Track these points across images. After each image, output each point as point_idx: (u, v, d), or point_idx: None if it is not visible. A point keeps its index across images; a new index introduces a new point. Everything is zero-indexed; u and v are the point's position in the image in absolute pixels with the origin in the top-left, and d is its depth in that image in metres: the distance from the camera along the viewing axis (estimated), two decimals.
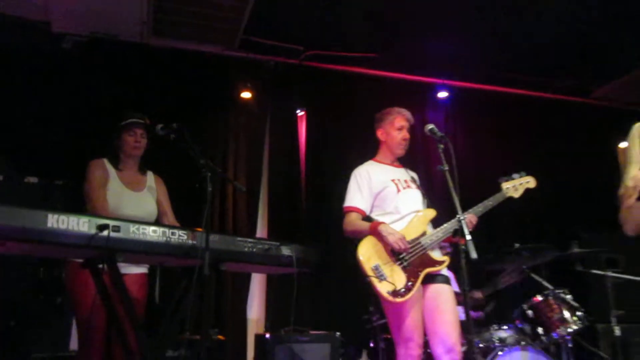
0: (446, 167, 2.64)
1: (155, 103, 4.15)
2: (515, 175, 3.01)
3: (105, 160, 2.94)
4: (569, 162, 5.34)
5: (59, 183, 3.76)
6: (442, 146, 2.73)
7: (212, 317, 4.12)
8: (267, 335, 3.66)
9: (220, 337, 3.83)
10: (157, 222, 2.96)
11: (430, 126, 2.80)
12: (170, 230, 2.32)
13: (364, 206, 2.91)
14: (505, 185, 2.99)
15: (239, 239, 2.57)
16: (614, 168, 2.62)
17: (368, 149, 3.16)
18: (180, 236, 2.32)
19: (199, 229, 2.38)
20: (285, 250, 2.73)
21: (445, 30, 4.66)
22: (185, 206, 3.18)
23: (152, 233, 2.25)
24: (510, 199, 2.98)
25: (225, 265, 2.54)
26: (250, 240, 2.59)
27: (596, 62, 5.18)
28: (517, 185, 3.00)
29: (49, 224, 1.99)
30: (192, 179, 2.61)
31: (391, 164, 3.06)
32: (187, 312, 2.47)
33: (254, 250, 2.59)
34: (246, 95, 4.92)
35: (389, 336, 3.38)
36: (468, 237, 2.45)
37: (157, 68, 4.57)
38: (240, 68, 4.87)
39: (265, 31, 4.66)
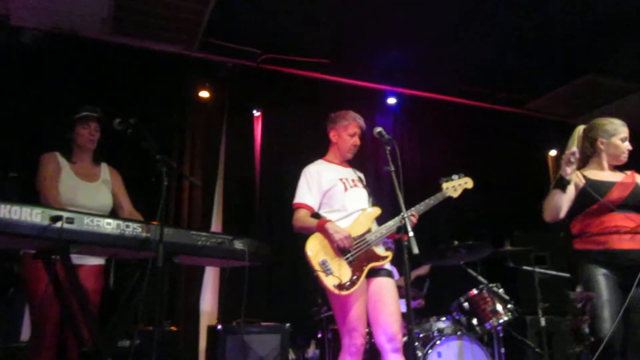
0: (392, 168, 2.78)
1: (113, 99, 4.17)
2: (454, 177, 3.18)
3: (58, 154, 2.99)
4: (504, 166, 5.70)
5: (14, 175, 3.73)
6: (389, 148, 2.86)
7: (165, 308, 4.20)
8: (219, 327, 3.77)
9: (173, 328, 3.91)
10: (112, 215, 3.02)
11: (379, 129, 2.93)
12: (125, 223, 2.35)
13: (313, 203, 3.03)
14: (445, 185, 3.16)
15: (193, 232, 2.64)
16: (545, 173, 2.90)
17: (320, 150, 3.31)
18: (134, 229, 2.36)
19: (154, 222, 2.45)
20: (238, 245, 2.83)
21: (396, 41, 4.88)
22: (141, 200, 3.25)
23: (107, 225, 2.28)
24: (450, 198, 3.16)
25: (179, 258, 2.60)
26: (204, 234, 2.68)
27: (531, 77, 5.54)
28: (456, 186, 3.17)
29: (1, 214, 1.99)
30: (149, 173, 2.68)
31: (340, 164, 3.21)
32: (140, 303, 2.51)
33: (208, 243, 2.67)
34: (204, 95, 5.02)
35: (335, 327, 3.54)
36: (411, 233, 2.58)
37: (116, 65, 4.58)
38: (199, 69, 4.95)
39: (225, 34, 4.75)
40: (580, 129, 2.99)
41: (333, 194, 3.04)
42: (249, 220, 4.85)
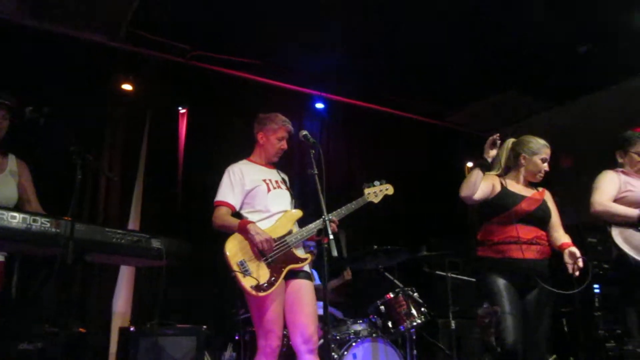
0: (316, 172, 2.80)
1: (28, 87, 3.93)
2: (376, 183, 3.24)
3: None
4: (424, 175, 5.95)
5: None
6: (313, 152, 2.88)
7: (74, 309, 3.99)
8: (132, 329, 3.64)
9: (82, 330, 3.73)
10: (17, 208, 2.84)
11: (304, 132, 2.95)
12: (32, 217, 2.26)
13: (235, 202, 3.01)
14: (367, 191, 3.20)
15: (107, 229, 2.56)
16: (460, 183, 3.06)
17: (245, 150, 3.29)
18: (42, 224, 2.27)
19: (66, 218, 2.35)
20: (156, 243, 2.76)
21: (327, 46, 4.96)
22: (52, 194, 3.08)
23: (11, 219, 2.19)
24: (371, 203, 3.22)
25: (92, 255, 2.52)
26: (119, 231, 2.60)
27: (451, 91, 5.82)
28: (377, 192, 3.23)
29: None
30: (62, 166, 2.56)
31: (264, 165, 3.21)
32: (45, 303, 2.39)
33: (123, 241, 2.59)
34: (127, 87, 4.84)
35: (253, 329, 3.53)
36: (331, 236, 2.62)
37: (34, 50, 4.32)
38: (123, 60, 4.78)
39: (154, 27, 4.63)
40: (509, 141, 3.18)
41: (256, 194, 3.04)
42: (169, 219, 4.72)
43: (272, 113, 3.23)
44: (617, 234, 3.16)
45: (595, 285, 5.34)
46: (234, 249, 2.82)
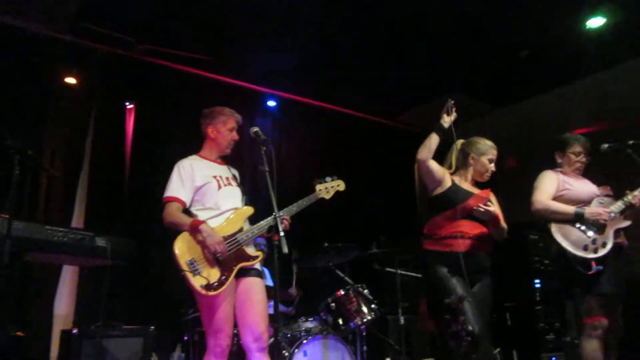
0: (267, 168, 2.81)
1: None
2: (327, 179, 3.25)
3: None
4: (376, 173, 6.03)
5: None
6: (264, 149, 2.88)
7: (12, 311, 3.80)
8: (74, 331, 3.50)
9: (20, 333, 3.55)
10: None
11: (256, 129, 2.96)
12: None
13: (185, 198, 2.94)
14: (319, 187, 3.20)
15: (48, 227, 2.46)
16: (412, 183, 3.12)
17: (194, 147, 3.22)
18: None
19: (3, 215, 2.24)
20: (100, 241, 2.68)
21: (279, 45, 4.93)
22: None
23: None
24: (323, 200, 3.22)
25: (31, 255, 2.41)
26: (61, 229, 2.50)
27: (402, 92, 5.93)
28: (328, 188, 3.23)
29: None
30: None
31: (215, 161, 3.15)
32: None
33: (65, 240, 2.50)
34: (71, 81, 4.65)
35: (202, 329, 3.48)
36: (282, 233, 2.63)
37: None
38: (68, 52, 4.60)
39: (101, 19, 4.46)
40: (459, 142, 3.27)
41: (206, 191, 2.98)
42: (115, 217, 4.57)
43: (218, 107, 3.19)
44: (556, 230, 3.30)
45: (536, 280, 5.58)
46: (183, 248, 2.76)
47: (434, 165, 3.03)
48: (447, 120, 2.99)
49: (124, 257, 2.75)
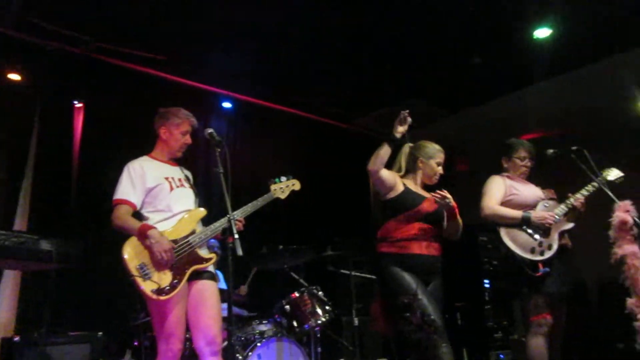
0: (221, 170, 2.77)
1: None
2: (283, 178, 3.22)
3: None
4: (331, 177, 6.04)
5: None
6: (219, 150, 2.85)
7: None
8: (15, 339, 3.35)
9: None
10: None
11: (210, 130, 2.91)
12: None
13: (135, 200, 2.87)
14: (273, 187, 3.18)
15: None
16: (365, 185, 3.15)
17: (146, 148, 3.14)
18: None
19: None
20: (45, 245, 2.58)
21: (235, 46, 4.88)
22: None
23: None
24: (278, 200, 3.18)
25: None
26: (2, 232, 2.39)
27: (358, 96, 5.98)
28: (284, 187, 3.20)
29: None
30: None
31: (166, 162, 3.09)
32: None
33: (7, 243, 2.40)
34: (14, 77, 4.46)
35: (153, 334, 3.40)
36: (236, 235, 2.60)
37: None
38: (12, 48, 4.38)
39: (50, 14, 4.28)
40: (407, 146, 3.34)
41: (157, 193, 2.91)
42: (61, 219, 4.40)
43: (174, 107, 3.12)
44: (505, 234, 3.40)
45: (486, 281, 5.75)
46: (133, 252, 2.68)
47: (385, 174, 3.07)
48: (400, 131, 2.99)
49: (71, 261, 2.65)
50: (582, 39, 4.81)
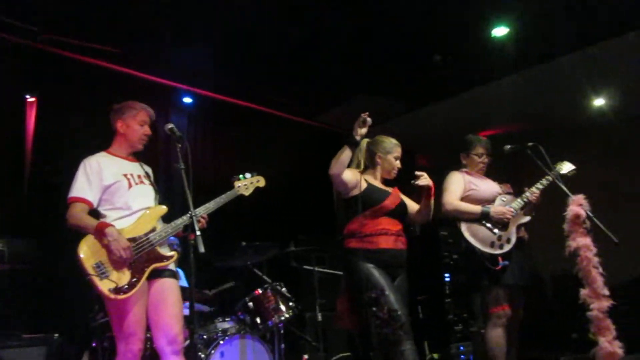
0: (182, 166, 2.72)
1: None
2: (247, 175, 3.20)
3: None
4: (294, 173, 6.03)
5: None
6: (180, 146, 2.80)
7: None
8: None
9: None
10: None
11: (170, 125, 2.85)
12: None
13: (92, 198, 2.79)
14: (237, 184, 3.15)
15: None
16: (328, 181, 3.15)
17: (103, 144, 3.05)
18: None
19: None
20: None
21: (196, 40, 4.79)
22: None
23: None
24: (242, 197, 3.16)
25: None
26: None
27: (321, 92, 5.97)
28: (248, 184, 3.18)
29: None
30: None
31: (125, 158, 3.01)
32: None
33: None
34: None
35: (112, 334, 3.31)
36: (198, 232, 2.56)
37: None
38: None
39: None
40: (365, 142, 3.34)
41: (116, 190, 2.84)
42: (13, 218, 4.22)
43: (129, 101, 3.05)
44: (465, 229, 3.49)
45: (446, 275, 5.87)
46: (89, 251, 2.62)
47: (347, 175, 3.06)
48: (360, 133, 2.96)
49: (24, 261, 2.55)
50: (538, 38, 4.95)
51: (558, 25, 4.74)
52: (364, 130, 2.97)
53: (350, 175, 3.10)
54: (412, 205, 3.33)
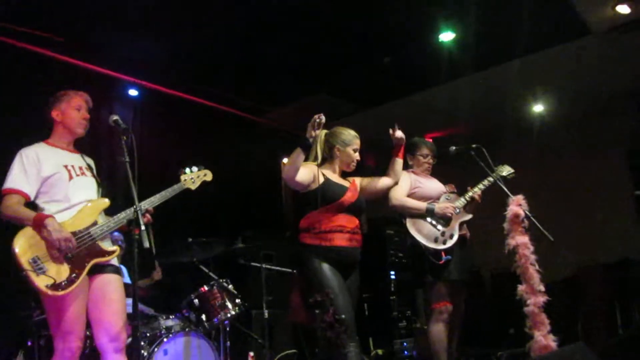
0: (127, 159, 2.64)
1: None
2: (194, 168, 3.13)
3: None
4: (242, 169, 5.98)
5: None
6: (124, 138, 2.70)
7: None
8: None
9: None
10: None
11: (115, 117, 2.77)
12: None
13: (29, 190, 2.67)
14: (184, 177, 3.06)
15: None
16: (277, 179, 3.13)
17: (40, 134, 2.92)
18: None
19: None
20: None
21: (144, 32, 4.67)
22: None
23: None
24: (189, 192, 3.07)
25: None
26: None
27: (271, 89, 5.95)
28: (194, 178, 3.09)
29: None
30: None
31: (66, 148, 2.89)
32: None
33: None
34: None
35: (48, 332, 3.18)
36: (142, 227, 2.49)
37: None
38: None
39: None
40: (323, 133, 3.29)
41: (55, 182, 2.72)
42: None
43: (62, 91, 2.93)
44: (411, 225, 3.58)
45: (392, 272, 5.99)
46: (25, 245, 2.50)
47: (301, 176, 3.01)
48: (313, 135, 2.92)
49: None
50: (483, 45, 5.13)
51: (502, 32, 4.94)
52: (317, 132, 2.94)
53: (305, 174, 3.04)
54: (373, 183, 3.32)
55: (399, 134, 3.30)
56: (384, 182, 3.38)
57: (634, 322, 5.34)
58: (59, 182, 2.73)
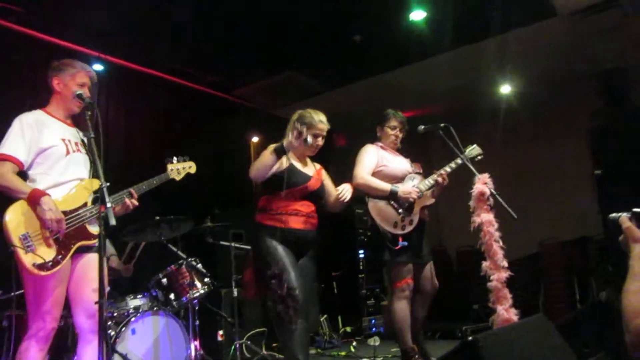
0: (92, 135, 2.55)
1: None
2: (180, 159, 3.16)
3: None
4: (210, 147, 5.88)
5: None
6: (89, 113, 2.62)
7: None
8: None
9: None
10: None
11: (79, 91, 2.71)
12: None
13: (24, 159, 2.57)
14: (170, 167, 3.09)
15: None
16: (246, 158, 3.10)
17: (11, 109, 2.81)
18: None
19: None
20: None
21: (109, 5, 4.53)
22: None
23: None
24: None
25: None
26: None
27: (239, 67, 5.88)
28: (180, 169, 3.13)
29: None
30: None
31: (64, 121, 2.80)
32: None
33: None
34: None
35: (11, 313, 3.11)
36: (108, 204, 2.42)
37: None
38: None
39: None
40: (296, 114, 3.22)
41: (51, 154, 2.64)
42: None
43: (69, 59, 2.85)
44: (372, 206, 3.58)
45: (360, 251, 6.05)
46: (17, 220, 2.43)
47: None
48: (291, 144, 2.89)
49: None
50: (452, 24, 5.15)
51: (472, 12, 4.96)
52: (296, 144, 2.92)
53: (269, 164, 2.98)
54: (331, 190, 3.29)
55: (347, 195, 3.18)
56: (331, 194, 3.28)
57: (591, 296, 5.56)
58: (55, 155, 2.65)
